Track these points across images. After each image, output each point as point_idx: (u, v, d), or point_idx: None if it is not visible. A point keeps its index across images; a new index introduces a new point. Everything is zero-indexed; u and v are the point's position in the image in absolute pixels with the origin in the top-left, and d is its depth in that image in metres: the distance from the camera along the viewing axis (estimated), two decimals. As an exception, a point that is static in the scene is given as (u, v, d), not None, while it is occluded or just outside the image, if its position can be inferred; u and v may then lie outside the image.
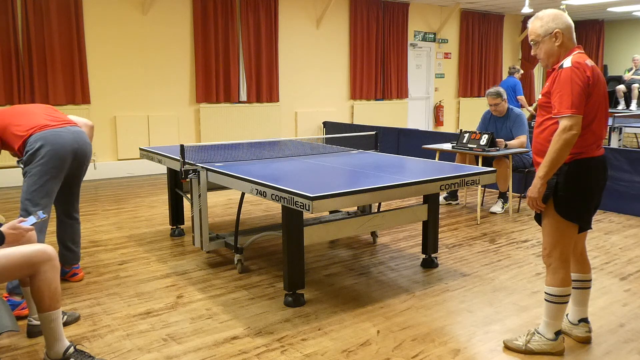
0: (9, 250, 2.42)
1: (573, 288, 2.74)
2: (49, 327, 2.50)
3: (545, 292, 2.66)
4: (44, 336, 2.53)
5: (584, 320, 2.84)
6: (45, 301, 2.46)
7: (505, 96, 5.65)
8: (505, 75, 13.12)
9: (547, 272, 2.66)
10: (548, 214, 2.60)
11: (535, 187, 2.53)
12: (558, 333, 2.68)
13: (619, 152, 5.75)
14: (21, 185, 3.26)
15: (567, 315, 2.89)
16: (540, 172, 2.50)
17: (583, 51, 2.58)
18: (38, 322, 2.72)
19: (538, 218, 2.69)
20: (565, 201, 2.54)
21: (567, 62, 2.47)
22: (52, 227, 3.66)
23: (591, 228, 2.78)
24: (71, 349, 2.54)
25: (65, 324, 2.94)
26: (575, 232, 2.61)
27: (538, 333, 2.71)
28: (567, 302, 2.65)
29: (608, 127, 2.74)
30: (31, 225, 2.63)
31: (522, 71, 9.53)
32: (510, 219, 5.44)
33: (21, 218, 2.65)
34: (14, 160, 2.68)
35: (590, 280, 2.83)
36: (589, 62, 2.50)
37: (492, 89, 5.67)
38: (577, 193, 2.54)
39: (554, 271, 2.63)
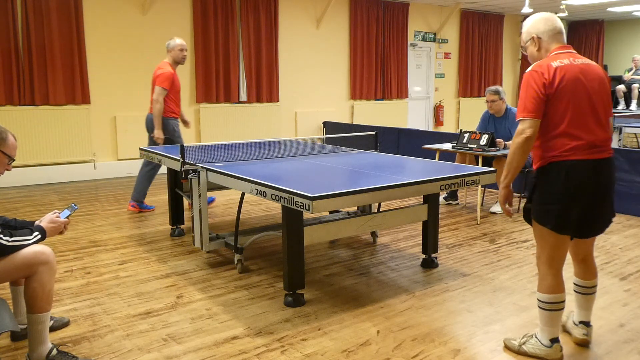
0: None
1: (575, 292, 2.71)
2: (37, 329, 2.49)
3: (537, 298, 2.63)
4: (29, 338, 2.52)
5: (584, 323, 2.79)
6: (37, 303, 2.46)
7: (503, 96, 5.65)
8: (505, 76, 13.13)
9: (538, 278, 2.64)
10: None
11: (500, 192, 2.60)
12: (554, 340, 2.62)
13: (619, 152, 5.75)
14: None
15: (572, 312, 2.88)
16: (502, 176, 2.56)
17: (566, 51, 2.51)
18: (24, 325, 2.70)
19: (526, 217, 2.65)
20: (538, 205, 2.52)
21: (531, 66, 2.50)
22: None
23: (586, 237, 2.61)
24: (54, 351, 2.54)
25: (53, 329, 2.92)
26: (560, 238, 2.50)
27: (536, 337, 2.68)
28: (559, 310, 2.58)
29: (605, 128, 2.55)
30: (66, 217, 2.68)
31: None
32: (510, 219, 5.44)
33: (56, 211, 2.69)
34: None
35: (593, 287, 2.74)
36: (559, 63, 2.43)
37: (492, 87, 5.70)
38: (551, 197, 2.46)
39: (542, 277, 2.60)
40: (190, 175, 3.84)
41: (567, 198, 2.43)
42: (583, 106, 2.42)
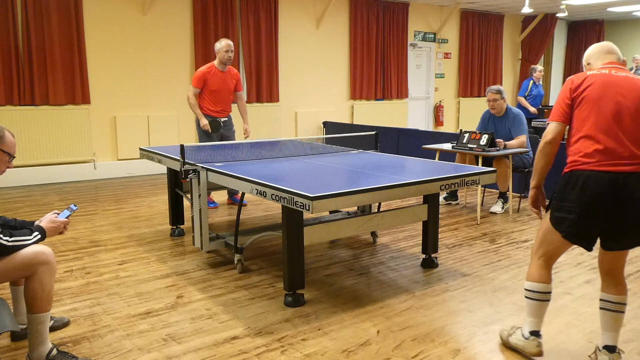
0: None
1: (600, 309, 2.59)
2: (36, 329, 2.49)
3: (524, 287, 2.68)
4: (29, 338, 2.52)
5: (608, 348, 2.56)
6: (37, 303, 2.46)
7: (505, 95, 5.65)
8: (505, 76, 13.14)
9: (528, 267, 2.71)
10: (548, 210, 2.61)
11: (530, 193, 2.65)
12: (534, 333, 2.63)
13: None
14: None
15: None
16: (531, 178, 2.65)
17: (611, 65, 2.51)
18: (24, 325, 2.70)
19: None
20: (554, 209, 2.51)
21: None
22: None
23: (606, 249, 2.51)
24: (54, 351, 2.53)
25: (53, 329, 2.92)
26: (560, 240, 2.51)
27: (521, 329, 2.71)
28: (540, 301, 2.60)
29: (637, 144, 2.35)
30: (65, 217, 2.68)
31: (538, 69, 9.35)
32: (510, 219, 5.44)
33: (56, 211, 2.69)
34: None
35: (620, 304, 2.53)
36: (595, 72, 2.47)
37: (494, 86, 5.71)
38: (565, 206, 2.44)
39: (530, 264, 2.67)
40: (190, 175, 3.84)
41: (581, 209, 2.39)
42: (607, 114, 2.37)
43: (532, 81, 9.26)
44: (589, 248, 2.50)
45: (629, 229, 2.40)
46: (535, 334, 2.64)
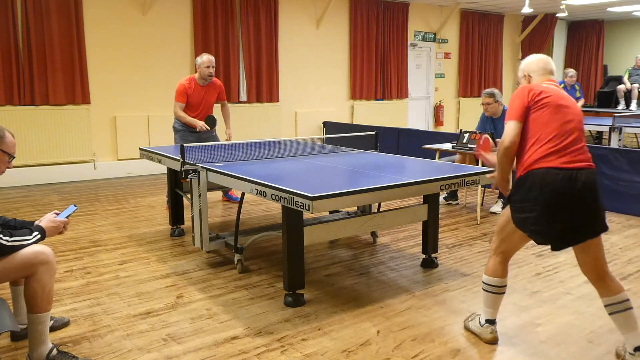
0: None
1: (610, 315, 2.59)
2: (37, 329, 2.49)
3: (482, 281, 2.83)
4: (29, 338, 2.52)
5: (639, 348, 2.53)
6: (37, 303, 2.46)
7: (499, 98, 5.64)
8: (505, 76, 13.13)
9: (487, 262, 2.84)
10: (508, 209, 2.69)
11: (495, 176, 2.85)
12: (489, 322, 2.82)
13: (619, 152, 5.75)
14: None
15: (625, 345, 2.63)
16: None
17: (550, 83, 2.68)
18: (24, 325, 2.70)
19: None
20: (514, 210, 2.62)
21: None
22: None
23: (554, 249, 2.60)
24: (54, 351, 2.53)
25: (53, 329, 2.92)
26: (519, 238, 2.65)
27: (479, 317, 2.90)
28: (495, 294, 2.77)
29: (583, 147, 2.57)
30: (66, 217, 2.67)
31: (571, 73, 9.27)
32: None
33: (56, 211, 2.70)
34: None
35: (624, 301, 2.55)
36: (543, 86, 2.63)
37: (488, 89, 5.70)
38: (524, 205, 2.55)
39: (489, 259, 2.80)
40: (190, 175, 3.84)
41: (542, 206, 2.50)
42: (560, 123, 2.54)
43: (562, 84, 9.22)
44: (554, 245, 2.58)
45: (586, 219, 2.52)
46: (491, 322, 2.84)
